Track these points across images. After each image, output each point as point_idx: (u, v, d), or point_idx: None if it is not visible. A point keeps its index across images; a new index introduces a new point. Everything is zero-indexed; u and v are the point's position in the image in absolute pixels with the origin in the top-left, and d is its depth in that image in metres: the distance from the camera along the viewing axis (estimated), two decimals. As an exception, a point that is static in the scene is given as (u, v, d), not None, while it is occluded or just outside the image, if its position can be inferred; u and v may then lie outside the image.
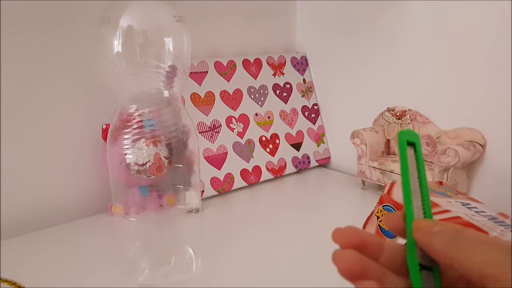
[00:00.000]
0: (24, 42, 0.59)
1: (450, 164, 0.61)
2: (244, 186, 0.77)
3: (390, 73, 0.76)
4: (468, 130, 0.66)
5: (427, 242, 0.22)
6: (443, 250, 0.22)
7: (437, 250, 0.22)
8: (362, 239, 0.24)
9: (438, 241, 0.22)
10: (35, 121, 0.61)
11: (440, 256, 0.22)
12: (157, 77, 0.43)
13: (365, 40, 0.79)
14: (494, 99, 0.63)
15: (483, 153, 0.65)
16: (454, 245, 0.21)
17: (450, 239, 0.22)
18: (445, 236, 0.22)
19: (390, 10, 0.75)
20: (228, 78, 0.78)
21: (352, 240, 0.24)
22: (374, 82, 0.79)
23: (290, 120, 0.85)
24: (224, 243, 0.56)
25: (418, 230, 0.23)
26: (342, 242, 0.24)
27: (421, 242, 0.23)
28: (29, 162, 0.62)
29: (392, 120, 0.73)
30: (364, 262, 0.23)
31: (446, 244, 0.22)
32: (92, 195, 0.68)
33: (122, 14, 0.41)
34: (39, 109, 0.61)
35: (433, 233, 0.22)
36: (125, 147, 0.44)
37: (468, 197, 0.54)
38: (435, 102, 0.70)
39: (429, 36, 0.70)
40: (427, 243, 0.22)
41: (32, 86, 0.60)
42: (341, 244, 0.24)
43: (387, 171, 0.70)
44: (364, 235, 0.24)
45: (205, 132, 0.74)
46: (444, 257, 0.22)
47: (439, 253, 0.22)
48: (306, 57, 0.91)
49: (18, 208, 0.61)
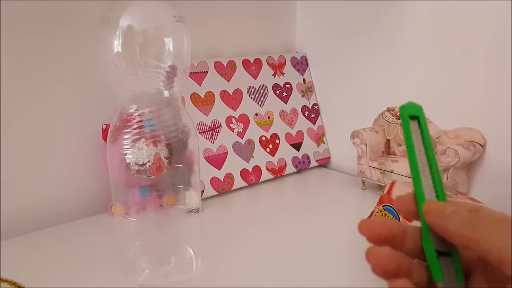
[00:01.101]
0: (24, 42, 0.59)
1: (450, 164, 0.61)
2: (244, 186, 0.77)
3: (390, 73, 0.76)
4: (468, 130, 0.66)
5: (441, 225, 0.22)
6: (459, 232, 0.21)
7: (453, 232, 0.21)
8: (391, 230, 0.23)
9: (452, 222, 0.21)
10: (35, 121, 0.61)
11: (456, 238, 0.21)
12: (157, 77, 0.43)
13: (365, 40, 0.79)
14: (494, 99, 0.63)
15: (483, 153, 0.65)
16: (470, 225, 0.20)
17: (465, 220, 0.21)
18: (459, 217, 0.21)
19: (390, 10, 0.74)
20: (228, 78, 0.78)
21: (382, 231, 0.23)
22: (374, 82, 0.79)
23: (290, 120, 0.85)
24: (224, 243, 0.56)
25: (430, 213, 0.22)
26: (370, 234, 0.23)
27: (434, 226, 0.22)
28: (29, 162, 0.62)
29: (392, 120, 0.73)
30: (398, 259, 0.22)
31: (461, 225, 0.21)
32: (92, 195, 0.68)
33: (122, 14, 0.41)
34: (39, 109, 0.61)
35: (447, 215, 0.21)
36: (125, 147, 0.44)
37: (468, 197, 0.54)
38: (435, 102, 0.70)
39: (429, 36, 0.70)
40: (441, 226, 0.22)
41: (32, 86, 0.60)
42: (370, 236, 0.23)
43: (387, 171, 0.70)
44: (392, 225, 0.23)
45: (205, 132, 0.74)
46: (460, 239, 0.21)
47: (454, 235, 0.21)
48: (306, 57, 0.91)
49: (18, 208, 0.61)
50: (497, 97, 0.63)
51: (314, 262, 0.52)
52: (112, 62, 0.42)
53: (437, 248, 0.22)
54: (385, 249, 0.22)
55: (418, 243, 0.23)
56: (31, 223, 0.62)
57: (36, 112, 0.61)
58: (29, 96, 0.60)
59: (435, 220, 0.22)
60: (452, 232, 0.21)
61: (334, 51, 0.85)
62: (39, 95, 0.61)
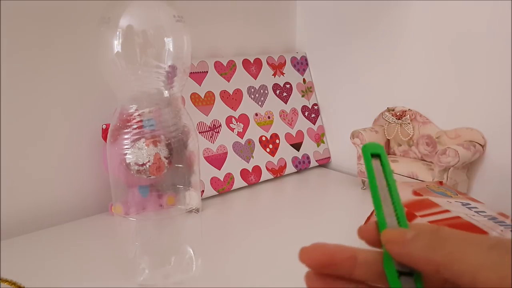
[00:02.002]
0: (24, 42, 0.59)
1: (450, 164, 0.61)
2: (244, 186, 0.77)
3: (390, 73, 0.76)
4: (468, 130, 0.66)
5: (405, 253, 0.20)
6: (424, 257, 0.19)
7: (418, 257, 0.19)
8: (332, 256, 0.21)
9: (417, 248, 0.19)
10: (35, 121, 0.61)
11: (422, 264, 0.19)
12: (157, 77, 0.43)
13: (365, 40, 0.79)
14: (494, 99, 0.63)
15: (483, 153, 0.65)
16: (436, 248, 0.19)
17: (429, 243, 0.19)
18: (422, 240, 0.19)
19: (390, 10, 0.75)
20: (228, 78, 0.78)
21: (320, 258, 0.21)
22: (374, 82, 0.79)
23: (290, 120, 0.85)
24: (224, 243, 0.56)
25: (390, 241, 0.21)
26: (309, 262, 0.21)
27: (397, 254, 0.20)
28: (29, 162, 0.62)
29: (392, 120, 0.73)
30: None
31: (426, 249, 0.19)
32: (92, 195, 0.68)
33: (122, 14, 0.41)
34: (39, 109, 0.61)
35: (408, 241, 0.20)
36: (125, 147, 0.44)
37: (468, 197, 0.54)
38: (435, 102, 0.70)
39: (429, 36, 0.70)
40: (404, 255, 0.20)
41: (32, 86, 0.60)
42: (309, 265, 0.21)
43: (387, 171, 0.70)
44: (333, 251, 0.22)
45: (205, 132, 0.74)
46: (427, 264, 0.19)
47: (420, 260, 0.19)
48: (306, 57, 0.91)
49: (18, 208, 0.61)
50: (497, 97, 0.63)
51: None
52: (112, 62, 0.42)
53: (398, 268, 0.21)
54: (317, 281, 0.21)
55: (372, 267, 0.21)
56: (31, 223, 0.62)
57: (36, 112, 0.61)
58: (29, 96, 0.60)
59: (397, 248, 0.20)
60: (417, 258, 0.19)
61: (334, 51, 0.85)
62: (39, 95, 0.61)
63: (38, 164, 0.62)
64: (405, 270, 0.21)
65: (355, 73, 0.82)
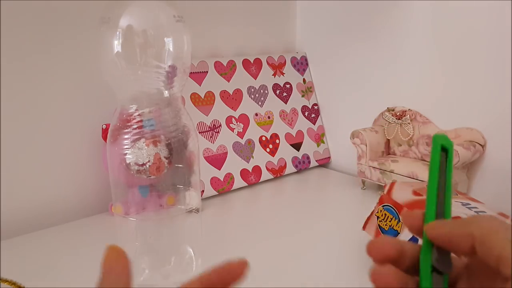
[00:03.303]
0: (24, 42, 0.59)
1: (450, 164, 0.61)
2: (244, 186, 0.77)
3: (390, 73, 0.76)
4: (468, 130, 0.66)
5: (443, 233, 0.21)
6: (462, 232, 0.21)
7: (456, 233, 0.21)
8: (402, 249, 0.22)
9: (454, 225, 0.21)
10: (35, 121, 0.61)
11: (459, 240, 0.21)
12: (157, 77, 0.43)
13: (365, 40, 0.79)
14: (494, 99, 0.63)
15: (483, 153, 0.65)
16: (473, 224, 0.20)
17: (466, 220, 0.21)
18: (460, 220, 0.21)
19: (390, 10, 0.74)
20: (228, 78, 0.78)
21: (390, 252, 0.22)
22: (374, 82, 0.79)
23: (290, 120, 0.85)
24: (224, 243, 0.56)
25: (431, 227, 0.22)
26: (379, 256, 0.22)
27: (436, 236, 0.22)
28: (29, 162, 0.62)
29: (392, 120, 0.73)
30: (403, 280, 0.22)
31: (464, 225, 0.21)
32: (92, 195, 0.68)
33: (122, 14, 0.41)
34: (39, 109, 0.61)
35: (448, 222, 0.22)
36: (125, 147, 0.44)
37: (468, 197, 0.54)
38: (435, 102, 0.70)
39: (429, 36, 0.70)
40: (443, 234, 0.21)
41: (32, 86, 0.60)
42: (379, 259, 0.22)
43: (387, 171, 0.70)
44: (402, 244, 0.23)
45: (205, 132, 0.74)
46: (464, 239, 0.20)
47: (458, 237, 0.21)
48: (306, 57, 0.91)
49: (18, 208, 0.61)
50: (497, 97, 0.63)
51: (314, 261, 0.52)
52: (112, 62, 0.42)
53: (434, 264, 0.22)
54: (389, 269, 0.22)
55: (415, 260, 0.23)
56: (31, 223, 0.62)
57: (36, 112, 0.61)
58: (29, 96, 0.60)
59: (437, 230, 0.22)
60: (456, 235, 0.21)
61: (334, 51, 0.85)
62: (39, 95, 0.61)
63: (38, 164, 0.62)
64: (439, 268, 0.22)
65: (355, 73, 0.82)
